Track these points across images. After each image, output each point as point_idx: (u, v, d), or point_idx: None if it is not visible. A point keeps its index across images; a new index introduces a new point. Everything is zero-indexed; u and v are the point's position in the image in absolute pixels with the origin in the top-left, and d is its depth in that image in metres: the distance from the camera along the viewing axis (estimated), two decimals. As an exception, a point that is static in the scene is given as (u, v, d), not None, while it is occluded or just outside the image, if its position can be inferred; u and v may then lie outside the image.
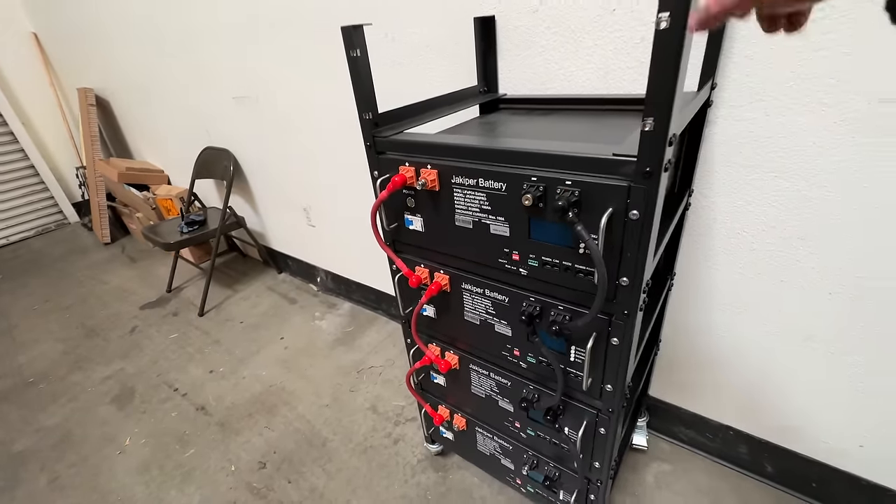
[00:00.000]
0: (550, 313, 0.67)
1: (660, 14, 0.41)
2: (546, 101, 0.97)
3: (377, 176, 0.76)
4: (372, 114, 0.75)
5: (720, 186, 0.88)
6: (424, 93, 0.89)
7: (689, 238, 0.97)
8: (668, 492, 1.13)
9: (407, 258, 0.85)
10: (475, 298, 0.78)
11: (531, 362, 0.77)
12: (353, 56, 0.68)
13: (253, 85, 1.76)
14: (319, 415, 1.48)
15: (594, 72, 0.92)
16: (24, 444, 1.49)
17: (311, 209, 1.93)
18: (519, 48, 1.00)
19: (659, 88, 0.45)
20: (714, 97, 0.81)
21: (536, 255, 0.64)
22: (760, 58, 0.75)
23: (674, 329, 1.10)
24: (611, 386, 0.68)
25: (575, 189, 0.55)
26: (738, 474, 1.14)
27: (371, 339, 1.81)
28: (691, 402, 1.17)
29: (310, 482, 1.25)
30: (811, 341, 0.91)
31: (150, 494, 1.27)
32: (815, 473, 1.03)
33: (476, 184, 0.65)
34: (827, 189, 0.77)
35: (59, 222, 3.50)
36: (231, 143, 2.10)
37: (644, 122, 0.47)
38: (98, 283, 2.54)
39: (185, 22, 1.83)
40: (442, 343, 0.93)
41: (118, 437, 1.48)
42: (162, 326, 2.05)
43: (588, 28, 0.89)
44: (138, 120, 2.78)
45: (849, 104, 0.70)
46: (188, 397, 1.61)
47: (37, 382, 1.78)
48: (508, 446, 0.96)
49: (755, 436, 1.09)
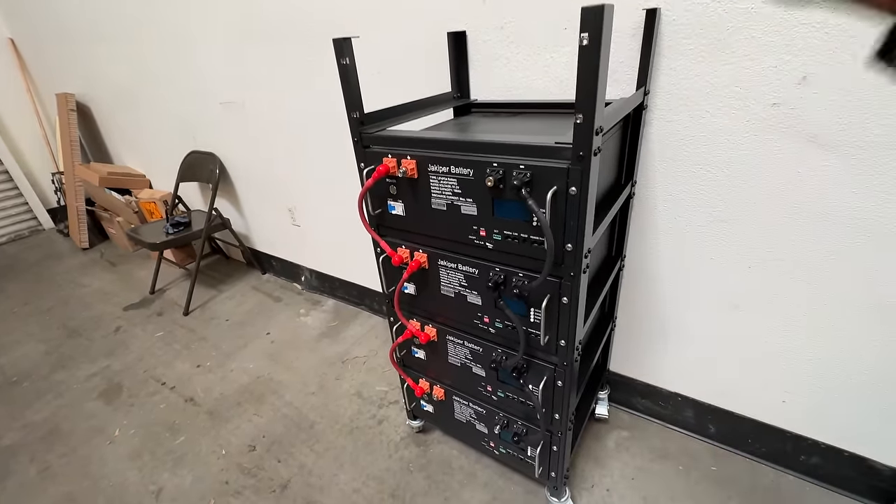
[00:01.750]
0: (512, 280, 0.80)
1: (581, 34, 0.55)
2: (511, 105, 1.11)
3: (363, 167, 0.88)
4: (359, 113, 0.86)
5: (658, 178, 1.03)
6: (403, 98, 1.02)
7: (636, 225, 1.12)
8: (626, 454, 1.26)
9: (390, 240, 0.96)
10: (450, 273, 0.90)
11: (499, 327, 0.89)
12: (343, 64, 0.80)
13: (240, 91, 1.85)
14: (306, 402, 1.56)
15: (551, 80, 1.07)
16: (12, 438, 1.51)
17: (295, 209, 2.02)
18: (487, 59, 1.14)
19: (585, 90, 0.58)
20: (648, 102, 0.96)
21: (500, 230, 0.77)
22: (682, 69, 0.90)
23: (627, 307, 1.24)
24: (564, 341, 0.81)
25: (527, 171, 0.68)
26: (686, 436, 1.29)
27: (355, 332, 1.90)
28: (646, 374, 1.32)
29: (299, 460, 1.33)
30: (737, 310, 1.06)
31: (144, 478, 1.32)
32: (749, 429, 1.18)
33: (449, 171, 0.77)
34: (740, 178, 0.93)
35: (32, 228, 3.45)
36: (217, 146, 2.18)
37: (576, 117, 0.60)
38: (78, 286, 2.54)
39: (173, 29, 1.91)
40: (421, 318, 1.05)
41: (107, 428, 1.52)
42: (147, 326, 2.08)
43: (545, 43, 1.03)
44: (120, 125, 2.81)
45: (751, 108, 0.86)
46: (176, 390, 1.67)
47: (20, 381, 1.79)
48: (482, 410, 1.07)
49: (699, 399, 1.24)
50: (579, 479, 1.19)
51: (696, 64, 0.89)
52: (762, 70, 0.83)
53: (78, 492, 1.30)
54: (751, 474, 1.17)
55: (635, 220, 1.11)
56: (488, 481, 1.21)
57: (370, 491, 1.22)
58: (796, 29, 0.77)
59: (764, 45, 0.81)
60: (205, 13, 1.72)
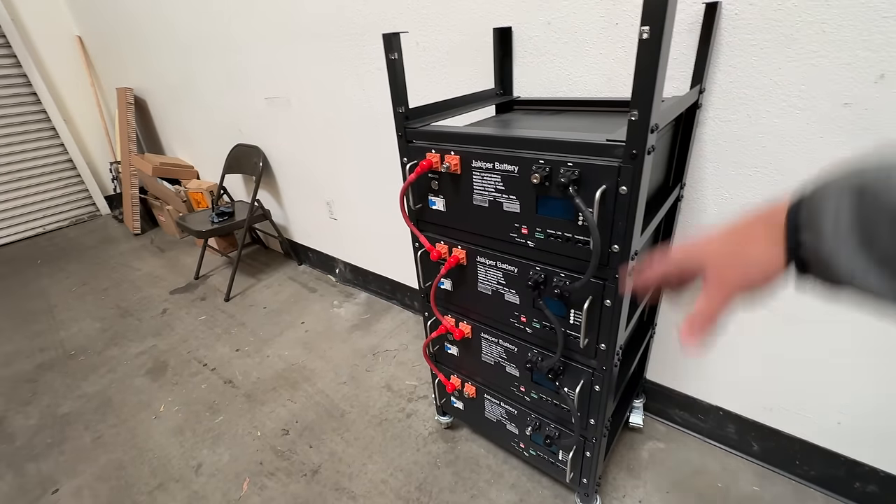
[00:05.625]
0: (553, 280, 0.78)
1: (642, 27, 0.53)
2: (555, 103, 1.09)
3: (406, 162, 0.89)
4: (404, 108, 0.87)
5: (710, 180, 0.99)
6: (446, 94, 1.02)
7: (682, 228, 1.07)
8: (661, 466, 1.22)
9: (429, 235, 0.96)
10: (488, 270, 0.90)
11: (536, 327, 0.88)
12: (392, 59, 0.81)
13: (285, 86, 1.91)
14: (338, 391, 1.59)
15: (599, 77, 1.04)
16: (70, 407, 1.62)
17: (333, 203, 2.07)
18: (532, 56, 1.12)
19: (642, 86, 0.56)
20: (703, 100, 0.92)
21: (542, 228, 0.76)
22: (742, 67, 0.86)
23: (668, 314, 1.20)
24: (604, 345, 0.79)
25: (575, 169, 0.66)
26: (727, 453, 1.23)
27: (386, 326, 1.93)
28: (685, 385, 1.26)
29: (329, 447, 1.36)
30: (793, 323, 1.00)
31: (185, 453, 1.39)
32: (798, 451, 1.11)
33: (492, 167, 0.77)
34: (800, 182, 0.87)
35: (91, 213, 3.70)
36: (261, 140, 2.26)
37: (631, 114, 0.59)
38: (130, 269, 2.70)
39: (223, 28, 1.99)
40: (456, 314, 1.05)
41: (153, 404, 1.61)
42: (191, 309, 2.19)
43: (595, 39, 1.01)
44: (172, 118, 2.97)
45: (818, 108, 0.81)
46: (216, 372, 1.74)
47: (77, 355, 1.92)
48: (514, 411, 1.06)
49: (743, 415, 1.18)
50: (610, 488, 1.16)
51: (758, 61, 0.84)
52: (833, 67, 0.77)
53: (126, 460, 1.38)
54: (797, 497, 1.10)
55: (682, 223, 1.07)
56: (516, 482, 1.20)
57: (397, 483, 1.23)
58: (876, 23, 0.72)
59: (836, 41, 0.76)
60: (251, 13, 1.78)
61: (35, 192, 3.37)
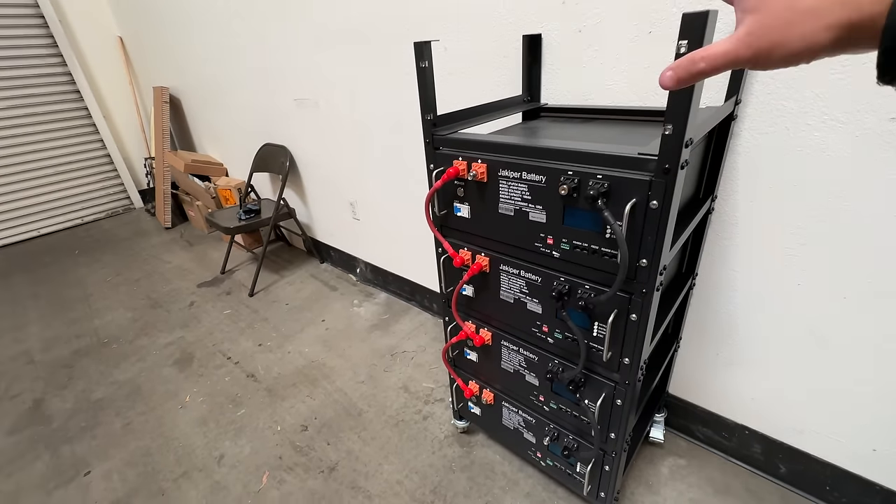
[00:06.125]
0: (578, 291, 0.77)
1: (680, 41, 0.52)
2: (583, 111, 1.08)
3: (433, 168, 0.89)
4: (432, 115, 0.88)
5: (742, 194, 0.96)
6: (473, 100, 1.02)
7: (712, 241, 1.05)
8: (681, 483, 1.19)
9: (452, 241, 0.97)
10: (511, 278, 0.89)
11: (558, 338, 0.88)
12: (422, 66, 0.82)
13: (314, 88, 1.94)
14: (356, 389, 1.61)
15: (629, 86, 1.02)
16: (103, 392, 1.70)
17: (357, 204, 2.10)
18: (562, 63, 1.11)
19: (678, 100, 0.55)
20: (738, 112, 0.89)
21: (568, 239, 0.75)
22: (783, 77, 0.83)
23: (694, 328, 1.17)
24: (628, 359, 0.78)
25: (605, 182, 0.65)
26: (751, 473, 1.19)
27: (404, 327, 1.94)
28: (709, 401, 1.23)
29: (346, 446, 1.38)
30: (826, 344, 0.96)
31: (208, 443, 1.43)
32: (829, 476, 1.07)
33: (520, 176, 0.77)
34: (842, 199, 0.84)
35: (126, 206, 3.86)
36: (289, 140, 2.31)
37: (665, 128, 0.58)
38: (160, 262, 2.80)
39: (258, 32, 2.05)
40: (477, 321, 1.05)
41: (179, 394, 1.67)
42: (217, 303, 2.26)
43: (626, 48, 0.99)
44: (204, 117, 3.07)
45: (863, 122, 0.78)
46: (240, 365, 1.79)
47: (110, 343, 2.01)
48: (532, 420, 1.06)
49: (770, 436, 1.14)
50: (628, 503, 1.14)
51: (798, 71, 0.81)
52: (881, 80, 0.74)
53: (153, 448, 1.44)
54: (827, 525, 1.06)
55: (711, 237, 1.04)
56: (531, 491, 1.19)
57: (412, 484, 1.24)
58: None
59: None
60: (287, 17, 1.83)
61: (75, 185, 3.54)
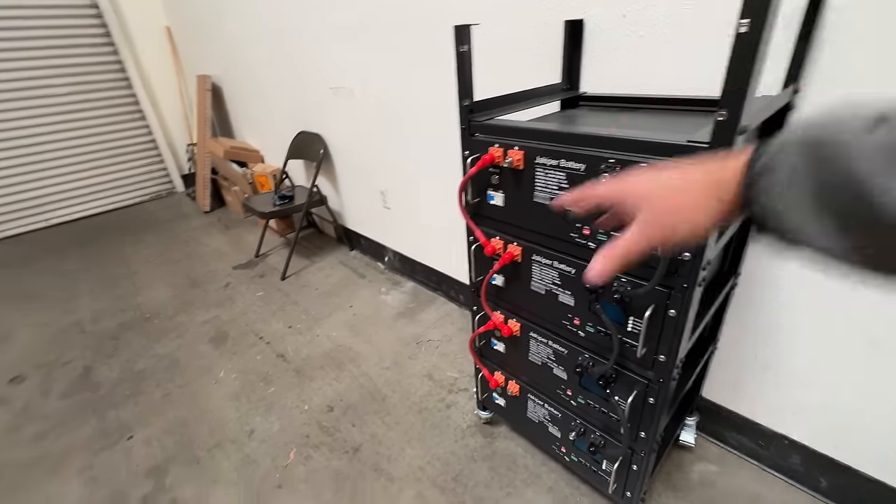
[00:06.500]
0: (614, 284, 0.75)
1: (741, 19, 0.49)
2: (624, 100, 1.04)
3: (468, 155, 0.89)
4: (469, 101, 0.87)
5: (795, 190, 0.90)
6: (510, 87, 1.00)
7: (758, 239, 0.99)
8: (711, 490, 1.15)
9: (484, 230, 0.96)
10: (543, 269, 0.88)
11: (589, 331, 0.86)
12: (462, 51, 0.81)
13: (350, 76, 1.96)
14: (381, 375, 1.64)
15: (675, 74, 0.98)
16: (144, 364, 1.80)
17: (387, 192, 2.12)
18: (604, 50, 1.08)
19: (736, 83, 0.52)
20: (796, 102, 0.84)
21: (606, 230, 0.73)
22: (846, 65, 0.77)
23: (734, 330, 1.12)
24: (664, 357, 0.75)
25: (648, 170, 0.63)
26: (788, 485, 1.13)
27: (430, 317, 1.95)
28: (745, 407, 1.18)
29: (371, 429, 1.41)
30: (877, 349, 0.90)
31: (240, 417, 1.49)
32: (876, 493, 1.00)
33: (557, 164, 0.75)
34: None
35: (169, 190, 4.04)
36: (324, 128, 2.35)
37: (718, 113, 0.55)
38: (199, 244, 2.92)
39: (297, 22, 2.08)
40: (506, 311, 1.04)
41: (214, 369, 1.74)
42: (250, 285, 2.34)
43: (673, 34, 0.95)
44: (244, 105, 3.16)
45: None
46: (271, 345, 1.85)
47: (152, 318, 2.12)
48: (558, 414, 1.04)
49: (811, 447, 1.08)
50: (654, 506, 1.11)
51: (870, 58, 0.75)
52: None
53: (189, 419, 1.51)
54: (870, 545, 1.00)
55: (758, 234, 0.99)
56: (553, 486, 1.18)
57: (434, 471, 1.25)
58: None
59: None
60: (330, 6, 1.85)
61: (123, 168, 3.73)
